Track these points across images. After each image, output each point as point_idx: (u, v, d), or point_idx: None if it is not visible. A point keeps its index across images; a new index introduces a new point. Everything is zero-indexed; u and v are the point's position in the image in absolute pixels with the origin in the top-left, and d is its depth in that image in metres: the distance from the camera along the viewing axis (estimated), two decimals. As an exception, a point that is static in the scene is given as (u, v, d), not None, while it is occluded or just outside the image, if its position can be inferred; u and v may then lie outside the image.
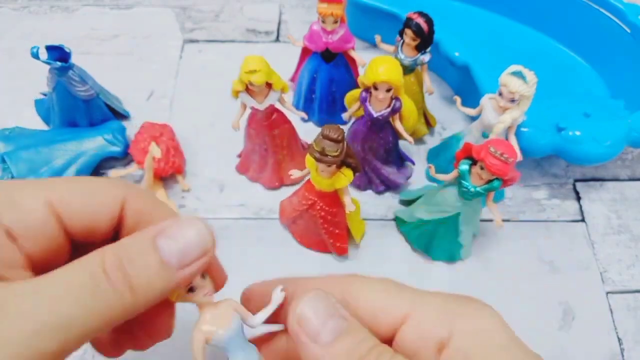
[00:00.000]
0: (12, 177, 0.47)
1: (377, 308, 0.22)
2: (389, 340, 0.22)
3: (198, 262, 0.22)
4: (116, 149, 0.51)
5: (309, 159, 0.39)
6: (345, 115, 0.48)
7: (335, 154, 0.37)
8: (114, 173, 0.50)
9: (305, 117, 0.50)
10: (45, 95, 0.55)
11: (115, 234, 0.24)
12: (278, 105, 0.46)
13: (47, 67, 0.49)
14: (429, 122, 0.56)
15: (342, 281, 0.24)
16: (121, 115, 0.56)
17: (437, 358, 0.21)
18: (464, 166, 0.40)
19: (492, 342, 0.20)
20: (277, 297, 0.25)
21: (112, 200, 0.23)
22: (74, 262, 0.20)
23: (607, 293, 0.46)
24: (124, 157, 0.52)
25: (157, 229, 0.22)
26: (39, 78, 0.61)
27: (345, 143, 0.38)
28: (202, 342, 0.24)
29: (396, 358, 0.21)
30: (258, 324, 0.25)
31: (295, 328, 0.22)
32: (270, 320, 0.26)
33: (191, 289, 0.24)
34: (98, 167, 0.52)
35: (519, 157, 0.41)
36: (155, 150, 0.47)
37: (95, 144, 0.51)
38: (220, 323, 0.25)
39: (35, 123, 0.56)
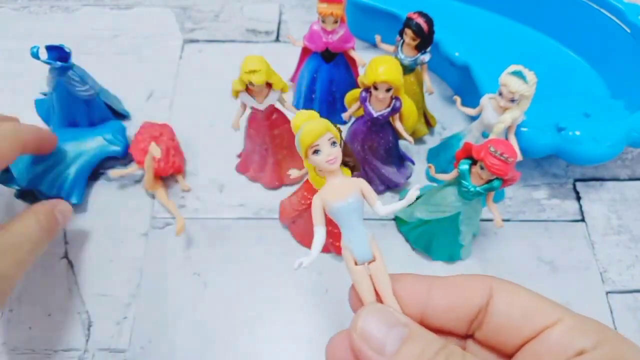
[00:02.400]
0: (12, 178, 0.46)
1: (527, 310, 0.23)
2: (520, 344, 0.23)
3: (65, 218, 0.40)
4: (116, 148, 0.51)
5: (307, 159, 0.39)
6: (345, 115, 0.48)
7: None
8: (113, 173, 0.50)
9: (305, 117, 0.50)
10: (45, 95, 0.55)
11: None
12: (278, 105, 0.46)
13: (47, 66, 0.49)
14: (429, 122, 0.56)
15: (485, 281, 0.25)
16: (121, 115, 0.56)
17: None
18: (464, 166, 0.40)
19: None
20: (411, 194, 0.26)
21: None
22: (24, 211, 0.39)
23: (607, 293, 0.46)
24: (124, 157, 0.52)
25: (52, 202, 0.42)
26: (39, 78, 0.61)
27: (342, 142, 0.37)
28: (319, 207, 0.26)
29: (467, 358, 0.21)
30: (381, 213, 0.26)
31: (359, 344, 0.22)
32: None
33: (316, 151, 0.25)
34: (98, 167, 0.52)
35: (519, 157, 0.41)
36: (155, 150, 0.47)
37: (95, 143, 0.51)
38: (336, 195, 0.26)
39: (35, 123, 0.56)
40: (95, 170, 0.52)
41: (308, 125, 0.26)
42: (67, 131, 0.52)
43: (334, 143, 0.26)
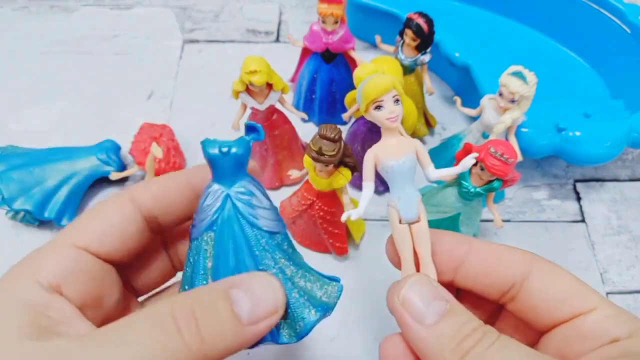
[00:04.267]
0: (3, 198, 0.46)
1: (565, 293, 0.24)
2: (552, 325, 0.24)
3: (268, 319, 0.21)
4: (110, 169, 0.50)
5: (306, 159, 0.39)
6: (345, 116, 0.48)
7: (332, 153, 0.37)
8: (114, 175, 0.50)
9: (306, 117, 0.51)
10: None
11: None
12: (278, 106, 0.46)
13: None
14: (429, 123, 0.56)
15: (525, 257, 0.25)
16: None
17: (603, 349, 0.22)
18: (464, 166, 0.40)
19: None
20: (467, 161, 0.27)
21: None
22: (141, 311, 0.19)
23: (607, 293, 0.46)
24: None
25: (231, 280, 0.21)
26: (39, 78, 0.61)
27: (342, 142, 0.38)
28: (371, 161, 0.27)
29: (502, 339, 0.21)
30: (434, 177, 0.27)
31: (400, 309, 0.23)
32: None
33: (378, 107, 0.25)
34: (92, 184, 0.51)
35: (519, 157, 0.41)
36: (157, 151, 0.47)
37: (88, 163, 0.49)
38: (391, 153, 0.26)
39: (35, 123, 0.56)
40: (89, 188, 0.50)
41: (375, 78, 0.25)
42: (60, 150, 0.50)
43: (397, 101, 0.25)
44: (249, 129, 0.26)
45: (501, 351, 0.21)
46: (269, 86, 0.43)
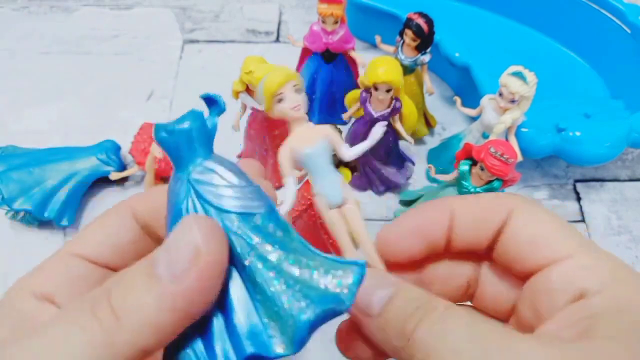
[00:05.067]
0: (3, 198, 0.45)
1: (538, 238, 0.21)
2: (527, 274, 0.21)
3: (194, 266, 0.16)
4: (110, 169, 0.50)
5: (307, 159, 0.39)
6: (345, 116, 0.48)
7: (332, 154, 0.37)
8: (114, 175, 0.50)
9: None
10: None
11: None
12: (278, 106, 0.46)
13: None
14: (429, 123, 0.56)
15: (508, 200, 0.22)
16: None
17: (569, 304, 0.19)
18: (464, 167, 0.40)
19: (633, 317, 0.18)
20: (377, 130, 0.26)
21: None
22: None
23: (607, 293, 0.46)
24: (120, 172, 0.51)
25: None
26: (39, 78, 0.61)
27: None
28: (288, 157, 0.26)
29: (450, 309, 0.19)
30: (349, 156, 0.26)
31: (351, 309, 0.21)
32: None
33: (280, 100, 0.25)
34: (92, 184, 0.50)
35: (519, 157, 0.41)
36: (156, 151, 0.47)
37: (88, 164, 0.49)
38: (304, 141, 0.26)
39: (35, 123, 0.56)
40: (89, 188, 0.50)
41: (270, 73, 0.26)
42: (60, 151, 0.50)
43: (298, 90, 0.26)
44: (207, 100, 0.22)
45: (443, 326, 0.19)
46: (269, 86, 0.43)
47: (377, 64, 0.41)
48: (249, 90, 0.43)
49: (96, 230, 0.22)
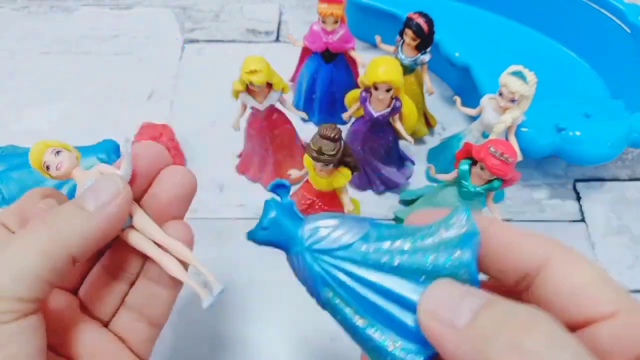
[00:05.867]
0: (3, 198, 0.45)
1: (580, 292, 0.20)
2: (572, 326, 0.20)
3: (114, 201, 0.24)
4: None
5: (306, 158, 0.39)
6: (345, 115, 0.48)
7: (332, 152, 0.37)
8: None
9: (306, 117, 0.50)
10: None
11: None
12: (278, 106, 0.46)
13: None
14: (429, 122, 0.56)
15: (548, 244, 0.21)
16: None
17: None
18: (464, 166, 0.40)
19: None
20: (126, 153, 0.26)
21: None
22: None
23: (607, 293, 0.46)
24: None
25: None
26: (39, 78, 0.61)
27: (342, 142, 0.38)
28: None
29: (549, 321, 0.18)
30: (121, 175, 0.26)
31: (431, 323, 0.19)
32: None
33: (47, 167, 0.26)
34: None
35: (519, 157, 0.41)
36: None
37: (88, 163, 0.49)
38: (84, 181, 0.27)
39: (35, 123, 0.56)
40: None
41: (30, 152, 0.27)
42: None
43: (56, 152, 0.26)
44: (274, 189, 0.26)
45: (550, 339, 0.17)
46: (269, 86, 0.43)
47: (377, 64, 0.41)
48: (249, 90, 0.43)
49: None
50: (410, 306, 0.21)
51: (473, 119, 0.49)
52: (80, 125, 0.56)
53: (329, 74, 0.52)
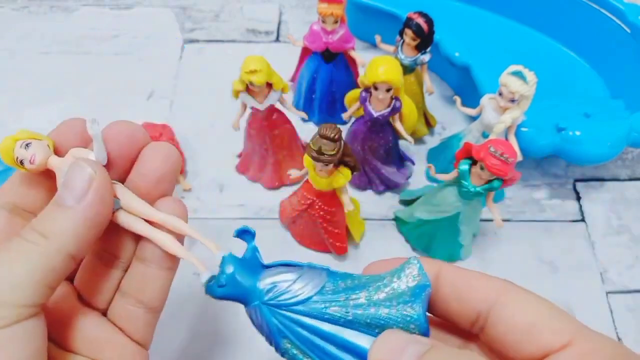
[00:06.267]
0: None
1: (533, 325, 0.21)
2: None
3: (93, 188, 0.23)
4: None
5: (306, 158, 0.39)
6: (345, 115, 0.48)
7: (332, 152, 0.37)
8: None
9: (306, 117, 0.50)
10: None
11: None
12: (278, 106, 0.46)
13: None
14: (429, 122, 0.56)
15: (496, 285, 0.22)
16: None
17: None
18: (464, 166, 0.40)
19: None
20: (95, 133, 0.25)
21: None
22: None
23: (607, 293, 0.46)
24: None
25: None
26: (39, 78, 0.61)
27: (342, 142, 0.38)
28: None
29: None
30: (95, 158, 0.25)
31: None
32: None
33: (22, 162, 0.25)
34: None
35: (519, 157, 0.41)
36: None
37: None
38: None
39: (35, 123, 0.56)
40: None
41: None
42: None
43: (26, 145, 0.25)
44: (240, 234, 0.26)
45: None
46: (269, 86, 0.43)
47: (377, 64, 0.42)
48: (249, 90, 0.43)
49: None
50: (363, 356, 0.22)
51: (473, 119, 0.49)
52: (80, 125, 0.56)
53: (329, 73, 0.52)
